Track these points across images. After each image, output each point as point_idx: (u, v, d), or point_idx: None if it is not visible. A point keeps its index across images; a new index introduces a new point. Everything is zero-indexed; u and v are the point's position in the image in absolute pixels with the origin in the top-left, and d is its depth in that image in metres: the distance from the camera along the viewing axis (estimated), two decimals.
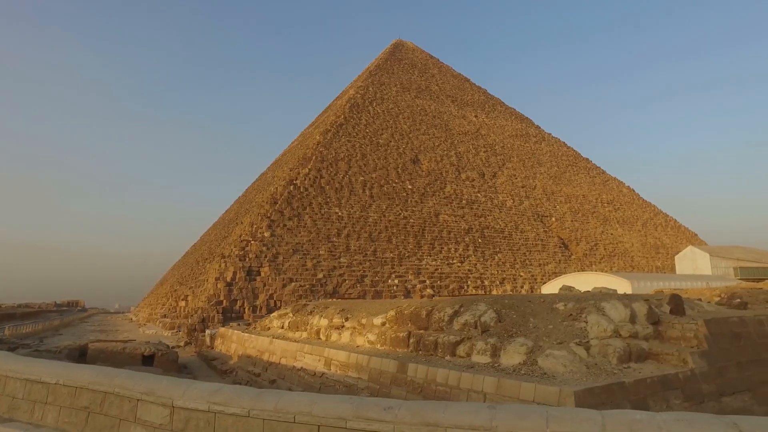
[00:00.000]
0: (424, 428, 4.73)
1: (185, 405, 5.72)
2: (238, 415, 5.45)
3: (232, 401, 5.55)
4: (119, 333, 53.71)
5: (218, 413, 5.53)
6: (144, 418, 5.82)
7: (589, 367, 11.16)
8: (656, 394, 10.38)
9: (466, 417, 4.50)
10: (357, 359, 15.92)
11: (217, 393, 5.73)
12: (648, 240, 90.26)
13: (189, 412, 5.67)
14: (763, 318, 14.22)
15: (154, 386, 5.97)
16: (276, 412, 5.20)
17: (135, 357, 24.39)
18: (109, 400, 6.07)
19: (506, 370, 11.70)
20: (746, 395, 12.11)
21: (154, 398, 5.81)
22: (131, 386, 6.04)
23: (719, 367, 12.01)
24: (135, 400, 5.92)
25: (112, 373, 6.40)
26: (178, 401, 5.92)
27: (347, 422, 5.02)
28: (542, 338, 12.59)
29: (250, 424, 5.51)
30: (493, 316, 13.95)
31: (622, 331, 12.59)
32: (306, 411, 5.11)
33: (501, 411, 4.51)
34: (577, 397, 9.03)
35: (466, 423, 4.46)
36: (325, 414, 5.00)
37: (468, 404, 5.00)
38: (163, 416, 5.90)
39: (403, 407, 4.93)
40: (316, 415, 5.04)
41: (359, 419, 4.90)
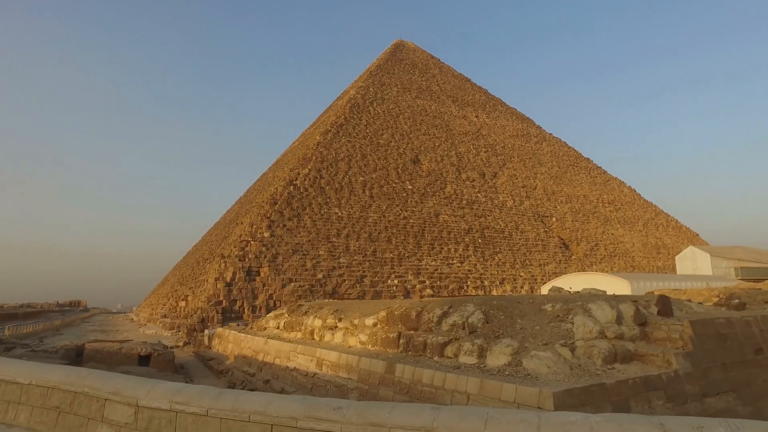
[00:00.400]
0: (369, 428, 4.89)
1: (149, 404, 5.87)
2: (198, 414, 5.58)
3: (192, 401, 5.71)
4: (119, 333, 53.96)
5: (179, 412, 5.68)
6: (111, 417, 5.99)
7: (572, 368, 11.22)
8: (638, 395, 10.44)
9: (409, 418, 4.64)
10: (347, 360, 16.02)
11: (179, 393, 5.88)
12: (649, 240, 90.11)
13: (152, 411, 5.82)
14: (750, 319, 14.26)
15: (120, 386, 6.12)
16: (233, 411, 5.38)
17: (131, 357, 24.56)
18: (79, 399, 6.23)
19: (491, 371, 11.77)
20: (730, 396, 12.16)
21: (121, 398, 5.97)
22: (99, 386, 6.19)
23: (703, 368, 12.06)
24: (103, 400, 6.08)
25: (83, 374, 6.55)
26: (142, 401, 6.05)
27: (298, 422, 5.11)
28: (528, 339, 12.67)
29: (208, 422, 5.66)
30: (481, 317, 14.03)
31: (608, 333, 12.65)
32: (260, 411, 5.28)
33: (443, 412, 4.63)
34: (556, 399, 9.10)
35: (408, 424, 4.60)
36: (278, 414, 5.18)
37: (413, 405, 5.13)
38: (128, 415, 6.00)
39: (351, 408, 5.08)
40: (269, 415, 5.21)
41: (309, 419, 5.05)
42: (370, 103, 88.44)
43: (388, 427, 4.82)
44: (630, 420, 4.15)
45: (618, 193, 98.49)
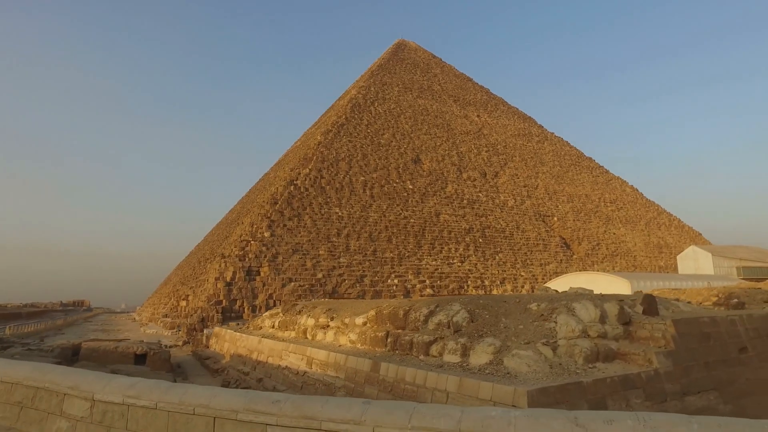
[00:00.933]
0: (302, 420, 5.06)
1: (103, 398, 6.06)
2: (147, 408, 5.77)
3: (143, 395, 5.89)
4: (120, 332, 54.30)
5: (131, 406, 5.86)
6: (68, 412, 6.17)
7: (552, 367, 11.29)
8: (616, 393, 10.50)
9: (340, 411, 4.80)
10: (335, 358, 16.14)
11: (132, 387, 6.05)
12: (651, 239, 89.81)
13: (106, 405, 6.01)
14: (736, 318, 14.28)
15: (79, 381, 6.30)
16: (179, 404, 5.57)
17: (127, 356, 24.76)
18: (40, 395, 6.41)
19: (473, 369, 11.86)
20: (712, 394, 12.19)
21: (78, 393, 6.15)
22: (60, 381, 6.37)
23: (685, 366, 12.11)
24: (62, 395, 6.27)
25: (46, 370, 6.71)
26: (98, 395, 6.19)
27: (238, 414, 5.29)
28: (511, 338, 12.74)
29: (157, 415, 5.83)
30: (466, 316, 14.11)
31: (591, 332, 12.71)
32: (204, 404, 5.47)
33: (372, 406, 4.77)
34: (530, 397, 9.18)
35: (339, 417, 4.76)
36: (221, 407, 5.37)
37: (345, 399, 5.30)
38: (84, 409, 6.13)
39: (288, 401, 5.25)
40: (212, 408, 5.41)
41: (248, 412, 5.24)
42: (371, 102, 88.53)
43: (320, 420, 4.97)
44: (547, 414, 4.24)
45: (620, 192, 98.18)
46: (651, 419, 3.98)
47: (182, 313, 58.25)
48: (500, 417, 4.23)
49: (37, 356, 18.14)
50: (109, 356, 24.26)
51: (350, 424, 4.70)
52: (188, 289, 64.67)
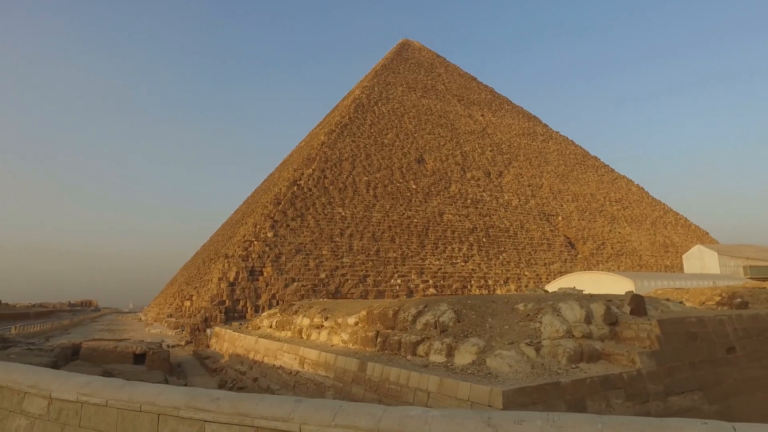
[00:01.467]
0: (237, 417, 5.23)
1: (60, 396, 6.27)
2: (99, 405, 5.98)
3: (96, 392, 6.09)
4: (125, 332, 54.82)
5: (84, 403, 6.07)
6: (28, 410, 6.38)
7: (534, 367, 11.33)
8: (596, 393, 10.51)
9: (272, 408, 4.98)
10: (326, 358, 16.26)
11: (86, 385, 6.26)
12: (657, 239, 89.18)
13: (62, 402, 6.22)
14: (724, 318, 14.23)
15: (38, 380, 6.53)
16: (128, 402, 5.79)
17: (126, 355, 25.04)
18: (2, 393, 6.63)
19: (456, 369, 11.92)
20: (697, 394, 12.17)
21: (37, 391, 6.37)
22: (21, 380, 6.59)
23: (669, 366, 12.09)
24: (23, 393, 6.48)
25: (10, 368, 6.92)
26: (55, 393, 6.35)
27: (179, 411, 5.49)
28: (495, 338, 12.79)
29: (107, 412, 5.99)
30: (452, 316, 14.17)
31: (575, 332, 12.73)
32: (151, 401, 5.68)
33: (302, 404, 4.92)
34: (505, 397, 9.23)
35: (270, 414, 4.94)
36: (165, 404, 5.57)
37: (278, 397, 5.48)
38: (42, 407, 6.34)
39: (227, 399, 5.45)
40: (157, 405, 5.61)
41: (189, 408, 5.44)
42: (374, 102, 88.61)
43: (252, 417, 5.13)
44: (462, 414, 4.33)
45: (626, 191, 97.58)
46: (559, 419, 4.04)
47: (186, 313, 58.70)
48: (418, 416, 4.35)
49: (35, 356, 18.42)
50: (109, 356, 24.54)
51: (280, 421, 4.88)
52: (192, 290, 65.14)
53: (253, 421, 5.01)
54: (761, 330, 14.75)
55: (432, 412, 4.43)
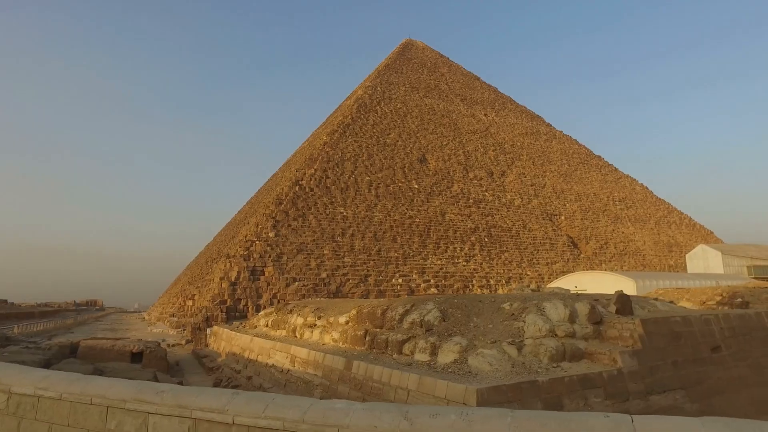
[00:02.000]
0: (177, 409, 5.45)
1: (19, 391, 6.52)
2: (54, 398, 6.23)
3: (51, 386, 6.33)
4: (128, 331, 55.25)
5: (41, 397, 6.32)
6: None
7: (515, 366, 11.39)
8: (574, 392, 10.56)
9: (210, 400, 5.22)
10: (314, 357, 16.39)
11: (44, 380, 6.50)
12: (661, 238, 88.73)
13: (20, 396, 6.47)
14: (711, 317, 14.22)
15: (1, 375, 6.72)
16: (80, 395, 6.00)
17: (124, 354, 25.28)
18: None
19: (439, 368, 12.01)
20: (678, 393, 12.18)
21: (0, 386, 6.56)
22: None
23: (651, 365, 12.11)
24: None
25: None
26: (14, 387, 6.62)
27: (126, 403, 5.73)
28: (479, 337, 12.86)
29: (61, 405, 6.21)
30: (438, 315, 14.25)
31: (558, 331, 12.78)
32: (101, 394, 5.91)
33: (237, 397, 5.10)
34: (479, 395, 9.31)
35: (207, 406, 5.16)
36: (113, 396, 5.81)
37: (217, 391, 5.67)
38: (2, 401, 6.59)
39: (170, 392, 5.63)
40: (107, 398, 5.84)
41: (135, 401, 5.68)
42: (377, 102, 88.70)
43: (191, 409, 5.32)
44: (381, 407, 4.46)
45: (629, 190, 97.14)
46: (472, 413, 4.14)
47: (188, 312, 59.09)
48: (341, 409, 4.52)
49: (29, 354, 18.67)
50: (106, 354, 24.78)
51: (216, 413, 5.09)
52: (195, 289, 65.55)
53: (192, 413, 5.23)
54: (748, 329, 14.73)
55: (355, 405, 4.58)
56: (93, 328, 58.23)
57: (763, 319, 15.46)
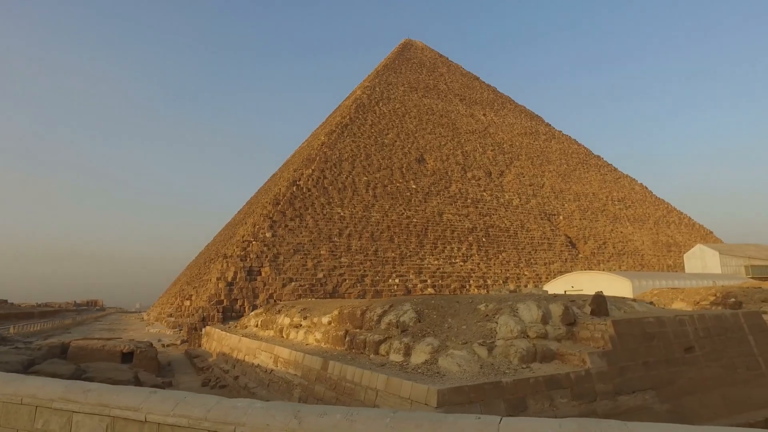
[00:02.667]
0: (98, 407, 5.66)
1: None
2: None
3: None
4: (125, 331, 55.56)
5: None
6: None
7: (483, 367, 11.50)
8: (539, 393, 10.66)
9: (126, 400, 5.46)
10: (295, 357, 16.53)
11: None
12: (660, 238, 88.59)
13: None
14: (685, 318, 14.30)
15: None
16: (13, 395, 6.21)
17: (114, 354, 25.48)
18: None
19: (409, 368, 12.13)
20: (648, 394, 12.27)
21: None
22: None
23: (622, 366, 12.21)
24: None
25: None
26: None
27: (53, 402, 5.93)
28: (451, 338, 12.97)
29: None
30: (413, 316, 14.38)
31: (530, 332, 12.88)
32: (32, 394, 6.11)
33: (153, 396, 5.32)
34: (440, 396, 9.43)
35: (124, 404, 5.43)
36: (43, 396, 6.03)
37: (135, 389, 5.89)
38: None
39: (95, 391, 5.86)
40: (37, 397, 6.06)
41: (62, 400, 5.91)
42: (375, 102, 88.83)
43: (110, 407, 5.53)
44: (277, 406, 4.65)
45: (629, 190, 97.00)
46: (357, 413, 4.28)
47: (185, 312, 59.35)
48: (241, 408, 4.73)
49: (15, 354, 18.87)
50: (97, 355, 24.98)
51: (131, 410, 5.32)
52: (192, 289, 65.83)
53: (111, 411, 5.45)
54: (723, 330, 14.81)
55: (256, 404, 4.78)
56: (91, 329, 58.54)
57: (740, 319, 15.53)
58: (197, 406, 5.09)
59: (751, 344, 15.22)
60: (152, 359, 26.52)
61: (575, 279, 62.18)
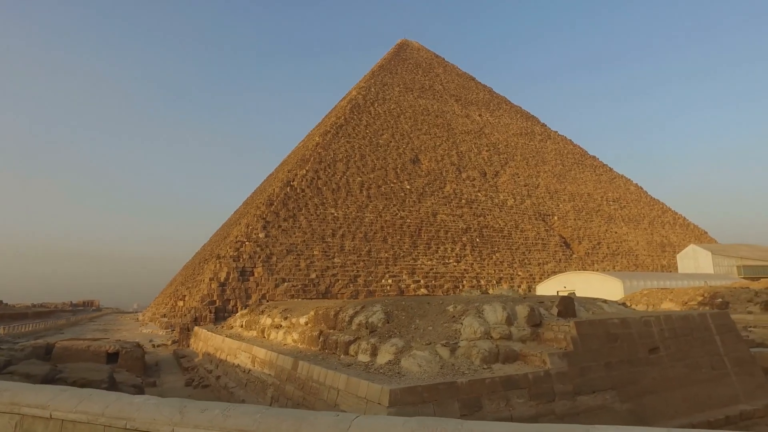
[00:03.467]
0: (9, 406, 5.98)
1: None
2: None
3: None
4: (119, 332, 55.77)
5: None
6: None
7: (443, 368, 11.68)
8: (495, 393, 10.83)
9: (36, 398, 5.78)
10: (270, 357, 16.73)
11: None
12: (654, 238, 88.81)
13: None
14: (651, 319, 14.47)
15: None
16: None
17: (99, 355, 25.68)
18: None
19: (374, 369, 12.31)
20: (609, 394, 12.45)
21: None
22: None
23: (582, 367, 12.38)
24: None
25: None
26: None
27: None
28: (416, 339, 13.16)
29: None
30: (382, 317, 14.57)
31: (494, 333, 13.06)
32: None
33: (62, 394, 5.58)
34: (392, 396, 9.61)
35: (33, 402, 5.78)
36: None
37: (44, 388, 6.14)
38: None
39: (9, 391, 6.11)
40: None
41: None
42: (371, 103, 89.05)
43: (20, 405, 5.84)
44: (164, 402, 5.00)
45: (624, 190, 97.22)
46: (234, 409, 4.52)
47: (179, 313, 59.54)
48: (136, 403, 5.06)
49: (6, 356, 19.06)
50: (82, 355, 25.16)
51: (39, 408, 5.66)
52: (186, 290, 66.03)
53: (21, 409, 5.70)
54: (690, 330, 14.99)
55: (151, 400, 5.07)
56: (84, 329, 58.75)
57: (707, 320, 15.71)
58: (97, 403, 5.36)
59: (718, 344, 15.41)
60: (137, 359, 26.71)
61: (567, 279, 62.42)
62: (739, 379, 15.07)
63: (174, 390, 22.57)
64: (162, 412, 4.64)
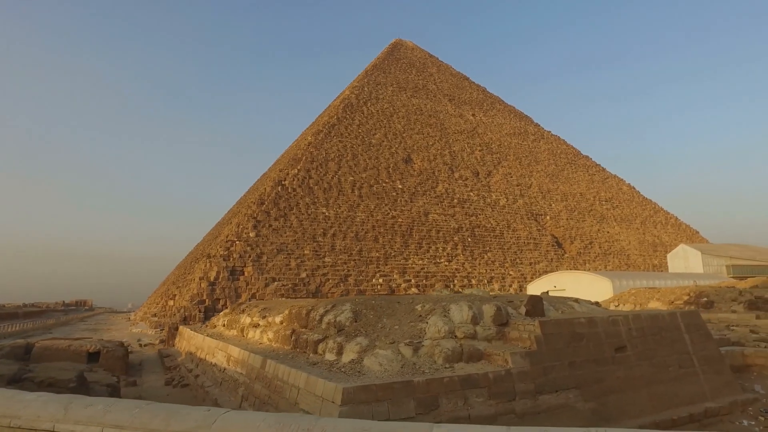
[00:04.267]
0: None
1: None
2: None
3: None
4: (108, 331, 55.64)
5: None
6: None
7: (404, 367, 11.70)
8: (453, 392, 10.83)
9: None
10: (243, 356, 16.74)
11: None
12: (646, 238, 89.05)
13: None
14: (619, 318, 14.52)
15: None
16: None
17: (80, 354, 25.57)
18: None
19: (338, 367, 12.33)
20: (572, 393, 12.49)
21: None
22: None
23: (545, 366, 12.41)
24: None
25: None
26: None
27: None
28: (381, 338, 13.18)
29: None
30: (350, 316, 14.58)
31: (458, 332, 13.09)
32: None
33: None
34: (345, 394, 9.63)
35: None
36: None
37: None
38: None
39: None
40: None
41: None
42: (364, 102, 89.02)
43: None
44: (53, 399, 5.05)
45: (616, 190, 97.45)
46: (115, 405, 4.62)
47: (169, 312, 59.42)
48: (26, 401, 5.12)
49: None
50: (62, 355, 25.05)
51: None
52: (176, 289, 65.93)
53: None
54: (658, 329, 15.05)
55: (42, 397, 5.16)
56: (74, 329, 58.59)
57: (677, 319, 15.77)
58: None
59: (687, 343, 15.48)
60: (119, 359, 26.62)
61: (558, 279, 62.60)
62: (707, 378, 15.15)
63: (153, 389, 22.56)
64: (47, 409, 4.71)
